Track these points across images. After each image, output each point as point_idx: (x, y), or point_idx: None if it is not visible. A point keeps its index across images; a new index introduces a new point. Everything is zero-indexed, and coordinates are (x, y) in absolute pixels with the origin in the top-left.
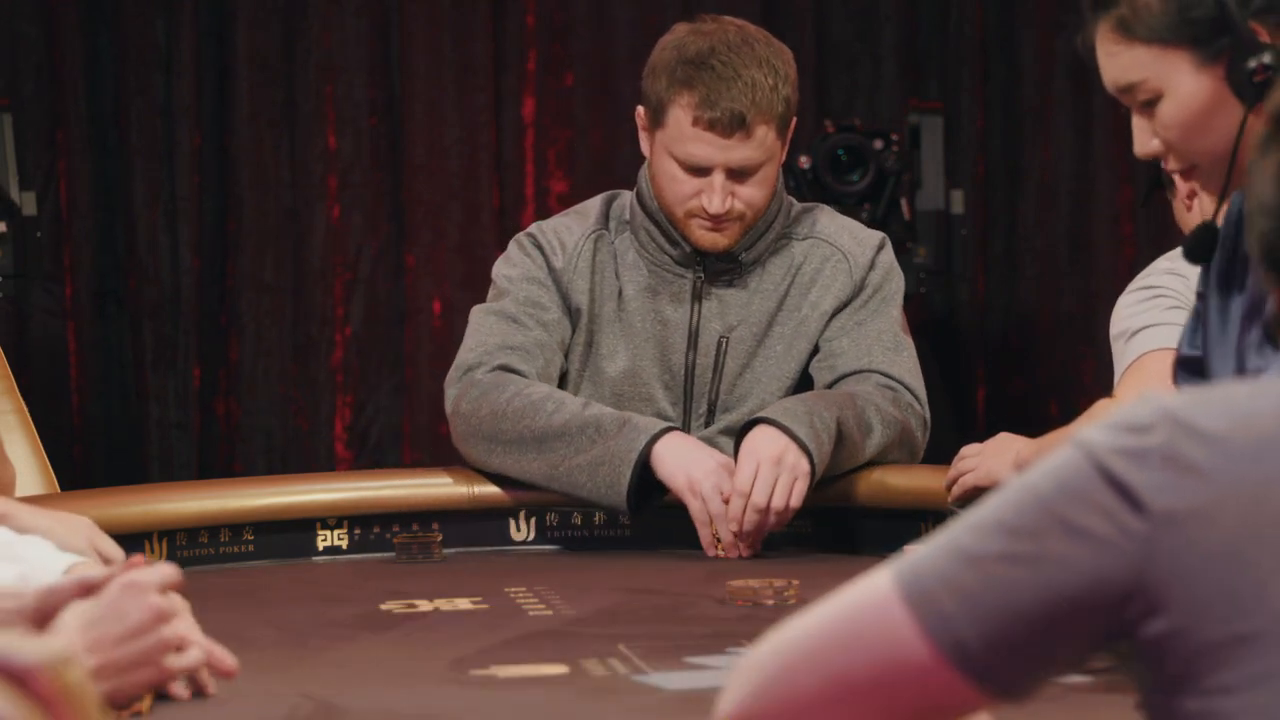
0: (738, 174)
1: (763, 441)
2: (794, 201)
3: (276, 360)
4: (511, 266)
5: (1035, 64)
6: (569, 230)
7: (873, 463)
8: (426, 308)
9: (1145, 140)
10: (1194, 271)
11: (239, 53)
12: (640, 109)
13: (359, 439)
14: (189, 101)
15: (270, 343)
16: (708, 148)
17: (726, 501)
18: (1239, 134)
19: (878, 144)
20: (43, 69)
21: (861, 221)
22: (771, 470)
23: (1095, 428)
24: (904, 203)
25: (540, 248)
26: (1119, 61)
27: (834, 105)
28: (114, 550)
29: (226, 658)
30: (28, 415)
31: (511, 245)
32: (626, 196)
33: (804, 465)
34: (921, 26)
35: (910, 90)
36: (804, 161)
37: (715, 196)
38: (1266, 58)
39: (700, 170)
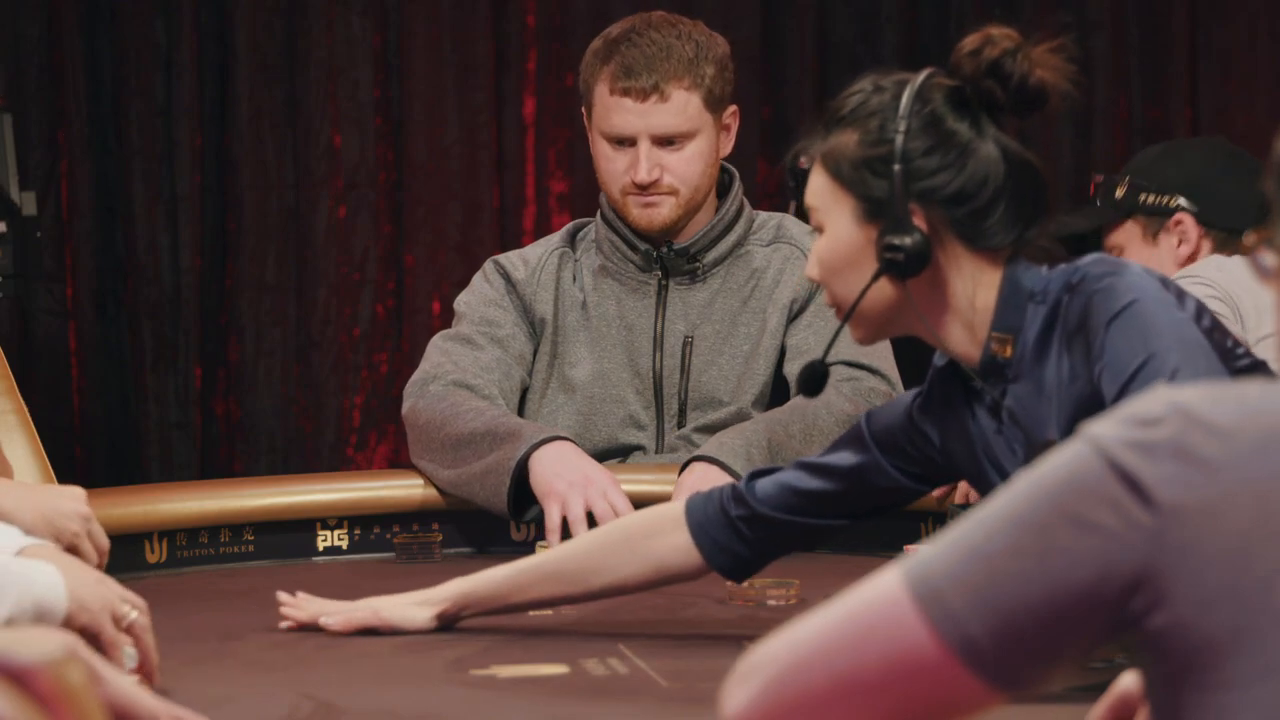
0: (664, 142)
1: (694, 476)
2: (760, 213)
3: (278, 360)
4: (470, 294)
5: None
6: (532, 250)
7: None
8: (426, 307)
9: (813, 264)
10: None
11: (239, 52)
12: (583, 109)
13: (364, 440)
14: (189, 101)
15: (271, 343)
16: (627, 114)
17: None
18: (864, 290)
19: None
20: (43, 69)
21: None
22: None
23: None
24: None
25: (502, 272)
26: (811, 182)
27: None
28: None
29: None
30: (28, 415)
31: (476, 275)
32: (592, 223)
33: None
34: (922, 27)
35: None
36: (804, 162)
37: (642, 164)
38: (908, 240)
39: (626, 140)
